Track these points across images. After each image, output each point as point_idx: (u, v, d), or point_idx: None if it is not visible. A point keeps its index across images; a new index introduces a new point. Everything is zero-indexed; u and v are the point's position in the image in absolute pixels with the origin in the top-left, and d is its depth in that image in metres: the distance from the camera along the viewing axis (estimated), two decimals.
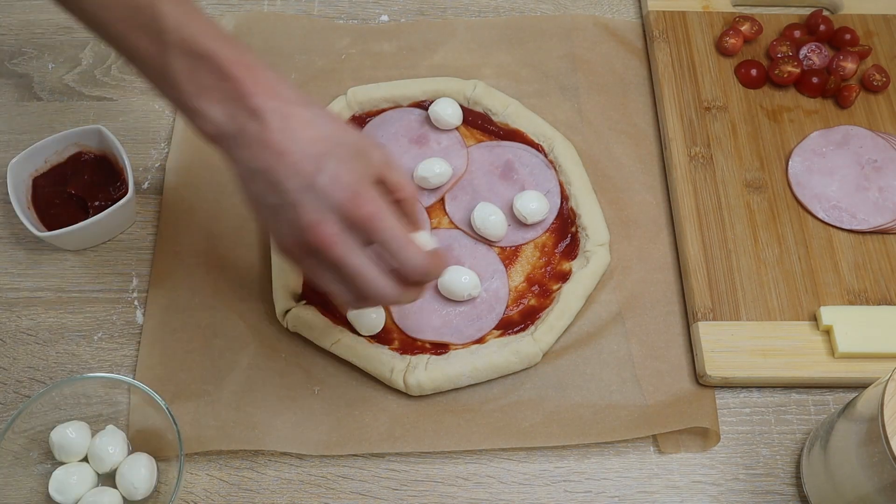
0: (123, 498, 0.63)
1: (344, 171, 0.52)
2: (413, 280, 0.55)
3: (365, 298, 0.55)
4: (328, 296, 0.72)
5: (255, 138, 0.52)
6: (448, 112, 0.79)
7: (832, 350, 0.69)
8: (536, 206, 0.73)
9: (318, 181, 0.51)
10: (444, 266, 0.60)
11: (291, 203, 0.52)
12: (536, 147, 0.79)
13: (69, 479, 0.63)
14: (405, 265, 0.54)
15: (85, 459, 0.65)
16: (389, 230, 0.53)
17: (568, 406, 0.68)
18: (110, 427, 0.65)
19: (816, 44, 0.84)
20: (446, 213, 0.76)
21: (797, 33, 0.86)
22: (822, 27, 0.85)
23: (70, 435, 0.64)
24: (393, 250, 0.53)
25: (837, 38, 0.85)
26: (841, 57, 0.83)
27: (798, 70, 0.82)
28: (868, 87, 0.83)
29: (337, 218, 0.52)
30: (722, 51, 0.84)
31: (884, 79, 0.82)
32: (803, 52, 0.84)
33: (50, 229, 0.73)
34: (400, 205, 0.57)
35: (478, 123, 0.81)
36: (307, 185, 0.51)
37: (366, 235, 0.53)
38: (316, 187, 0.51)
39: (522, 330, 0.70)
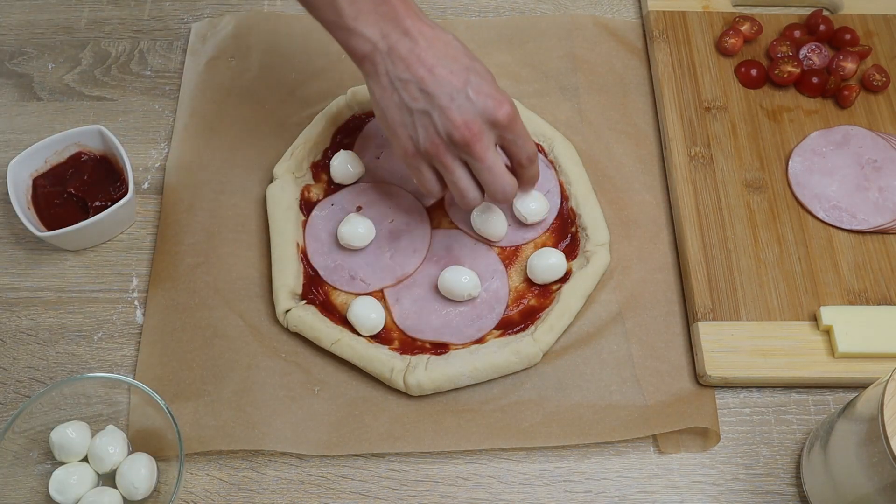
0: (123, 498, 0.63)
1: (484, 84, 0.63)
2: (526, 172, 0.69)
3: (474, 198, 0.67)
4: (328, 295, 0.72)
5: (407, 53, 0.62)
6: None
7: (832, 350, 0.69)
8: (536, 206, 0.73)
9: (466, 89, 0.62)
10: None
11: (441, 106, 0.62)
12: (536, 147, 0.79)
13: (69, 480, 0.63)
14: (523, 154, 0.67)
15: (85, 459, 0.65)
16: (521, 129, 0.66)
17: (568, 406, 0.68)
18: (110, 427, 0.65)
19: (816, 44, 0.84)
20: (446, 214, 0.76)
21: (797, 33, 0.86)
22: (822, 27, 0.85)
23: (70, 435, 0.64)
24: (521, 143, 0.66)
25: (837, 38, 0.85)
26: (841, 57, 0.83)
27: (798, 70, 0.82)
28: (868, 87, 0.83)
29: (482, 119, 0.63)
30: (722, 51, 0.84)
31: (884, 79, 0.82)
32: (803, 52, 0.84)
33: (50, 229, 0.73)
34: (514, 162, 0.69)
35: None
36: (458, 90, 0.62)
37: (502, 136, 0.65)
38: (466, 93, 0.62)
39: (522, 330, 0.70)
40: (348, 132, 0.81)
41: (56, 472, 0.63)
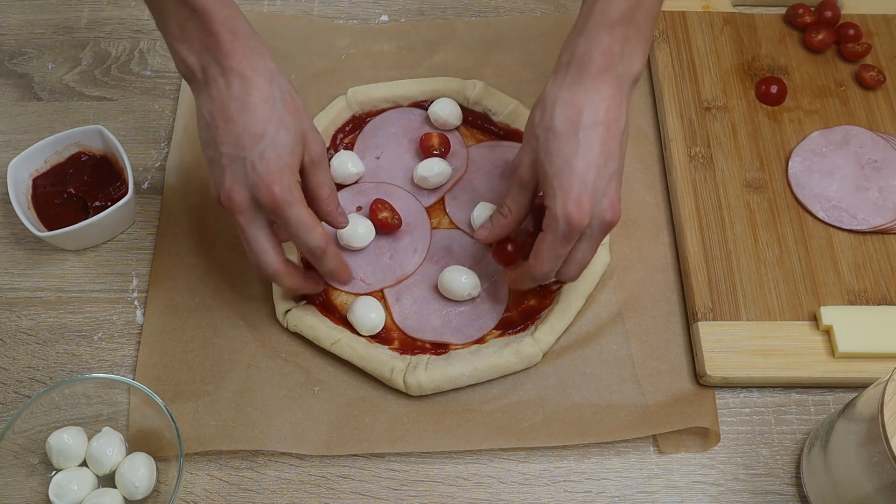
0: (124, 498, 0.63)
1: (273, 155, 0.59)
2: (317, 264, 0.65)
3: (256, 266, 0.63)
4: (328, 295, 0.72)
5: (216, 96, 0.58)
6: (448, 112, 0.79)
7: (832, 350, 0.69)
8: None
9: (247, 156, 0.58)
10: (344, 269, 0.68)
11: (220, 164, 0.59)
12: None
13: (70, 485, 0.63)
14: (304, 247, 0.62)
15: (83, 463, 0.65)
16: (294, 216, 0.60)
17: (568, 406, 0.68)
18: (106, 429, 0.65)
19: None
20: (446, 213, 0.76)
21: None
22: (828, 13, 0.86)
23: (67, 441, 0.63)
24: (293, 233, 0.61)
25: (841, 30, 0.86)
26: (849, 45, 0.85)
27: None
28: (865, 83, 0.83)
29: (249, 193, 0.59)
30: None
31: (880, 77, 0.82)
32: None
33: (50, 229, 0.73)
34: (318, 203, 0.65)
35: (478, 123, 0.81)
36: (237, 156, 0.58)
37: (272, 216, 0.61)
38: (244, 161, 0.58)
39: (522, 330, 0.70)
40: (348, 132, 0.81)
41: (56, 476, 0.63)
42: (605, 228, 0.61)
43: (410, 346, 0.70)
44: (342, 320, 0.71)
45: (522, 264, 0.65)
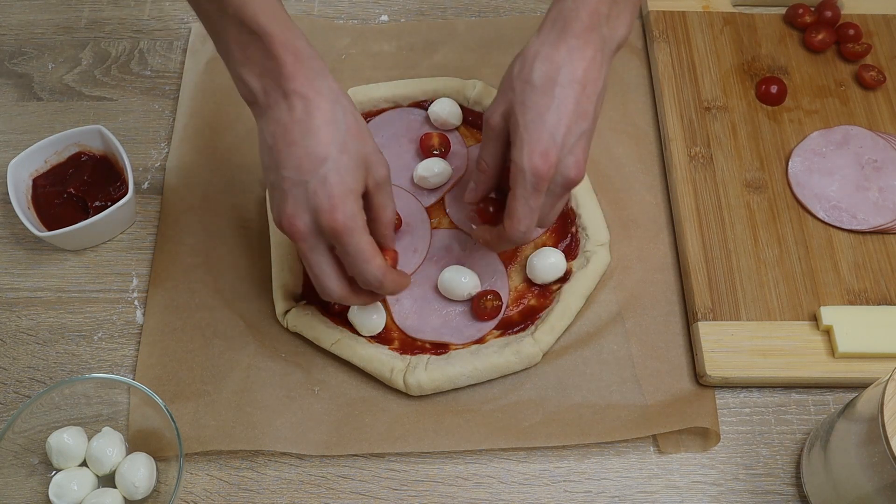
0: (124, 498, 0.63)
1: (336, 179, 0.57)
2: (368, 289, 0.62)
3: (321, 291, 0.62)
4: None
5: (279, 119, 0.57)
6: (448, 112, 0.79)
7: (832, 350, 0.69)
8: None
9: (309, 181, 0.57)
10: (401, 286, 0.64)
11: (282, 189, 0.58)
12: None
13: (70, 485, 0.63)
14: (360, 277, 0.60)
15: (83, 463, 0.65)
16: (354, 244, 0.58)
17: (568, 406, 0.68)
18: (106, 429, 0.65)
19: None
20: (446, 214, 0.76)
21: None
22: (828, 13, 0.86)
23: (67, 441, 0.64)
24: (350, 262, 0.59)
25: (841, 30, 0.85)
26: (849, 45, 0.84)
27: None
28: (865, 83, 0.83)
29: (311, 218, 0.57)
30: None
31: (880, 77, 0.82)
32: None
33: (50, 229, 0.73)
34: (376, 224, 0.63)
35: (478, 123, 0.81)
36: (300, 181, 0.57)
37: (332, 242, 0.59)
38: (306, 185, 0.57)
39: (522, 330, 0.70)
40: None
41: (56, 476, 0.63)
42: (566, 185, 0.61)
43: (410, 346, 0.70)
44: (342, 320, 0.71)
45: (498, 228, 0.65)
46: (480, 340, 0.70)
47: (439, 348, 0.70)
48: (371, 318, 0.69)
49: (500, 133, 0.63)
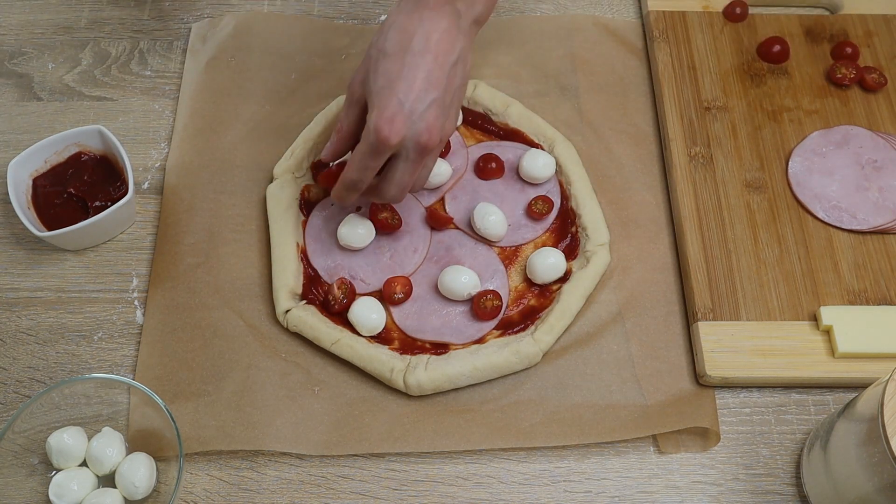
0: (124, 498, 0.63)
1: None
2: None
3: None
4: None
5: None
6: None
7: (832, 350, 0.69)
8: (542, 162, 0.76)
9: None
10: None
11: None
12: (537, 147, 0.79)
13: (70, 485, 0.63)
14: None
15: (83, 463, 0.65)
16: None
17: (568, 406, 0.68)
18: (106, 429, 0.65)
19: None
20: (446, 213, 0.76)
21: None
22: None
23: (67, 441, 0.63)
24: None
25: (838, 50, 0.85)
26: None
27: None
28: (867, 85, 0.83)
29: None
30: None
31: (881, 79, 0.82)
32: None
33: (50, 229, 0.73)
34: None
35: (478, 123, 0.81)
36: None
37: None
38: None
39: (522, 330, 0.70)
40: None
41: (56, 476, 0.63)
42: (420, 150, 0.63)
43: (410, 346, 0.70)
44: (342, 320, 0.71)
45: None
46: (480, 340, 0.70)
47: (439, 348, 0.70)
48: (371, 318, 0.69)
49: (359, 99, 0.66)
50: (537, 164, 0.76)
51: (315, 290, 0.72)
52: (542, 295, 0.72)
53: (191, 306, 0.72)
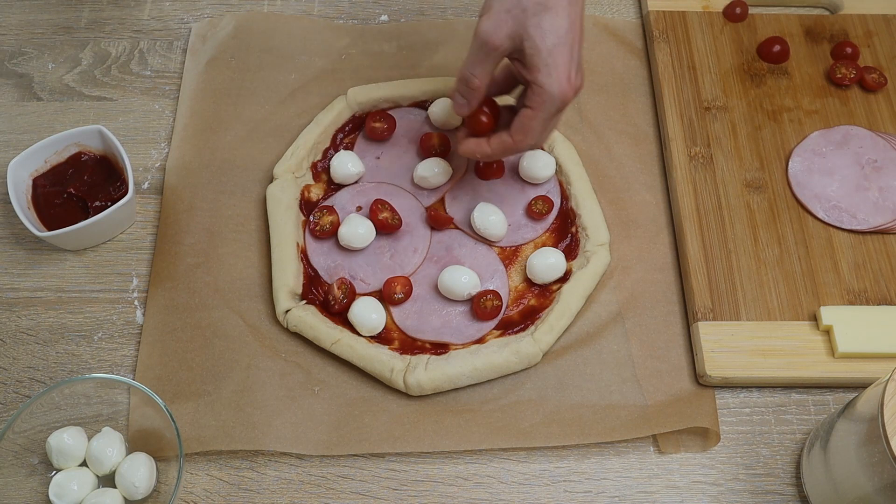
0: (124, 498, 0.63)
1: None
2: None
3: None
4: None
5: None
6: (448, 112, 0.79)
7: (832, 350, 0.69)
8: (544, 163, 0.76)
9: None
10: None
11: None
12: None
13: (70, 485, 0.63)
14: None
15: (83, 463, 0.65)
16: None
17: (568, 406, 0.68)
18: (106, 429, 0.65)
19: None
20: (446, 213, 0.76)
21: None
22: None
23: (67, 441, 0.63)
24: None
25: (838, 50, 0.85)
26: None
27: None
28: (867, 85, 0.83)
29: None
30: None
31: (881, 79, 0.82)
32: None
33: (50, 229, 0.73)
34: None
35: None
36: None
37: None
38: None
39: (522, 330, 0.70)
40: (348, 132, 0.81)
41: (56, 476, 0.63)
42: (567, 103, 0.65)
43: (410, 346, 0.70)
44: (342, 320, 0.71)
45: (500, 136, 0.67)
46: (480, 340, 0.70)
47: (439, 348, 0.70)
48: (371, 318, 0.69)
49: (503, 53, 0.64)
50: (537, 164, 0.76)
51: (315, 290, 0.72)
52: (542, 295, 0.72)
53: (191, 306, 0.72)
